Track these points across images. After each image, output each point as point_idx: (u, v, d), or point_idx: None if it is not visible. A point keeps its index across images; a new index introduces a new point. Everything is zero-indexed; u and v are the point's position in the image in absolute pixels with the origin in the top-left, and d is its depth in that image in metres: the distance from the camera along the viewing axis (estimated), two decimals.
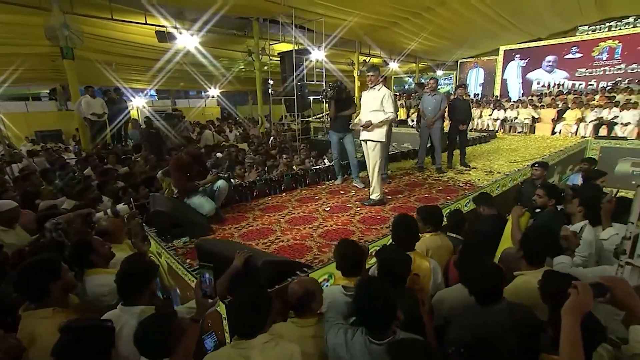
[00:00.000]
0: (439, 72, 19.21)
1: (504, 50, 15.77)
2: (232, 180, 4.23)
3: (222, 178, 3.61)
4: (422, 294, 1.91)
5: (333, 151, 5.15)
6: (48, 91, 17.24)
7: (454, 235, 2.81)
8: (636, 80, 12.33)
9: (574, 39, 13.92)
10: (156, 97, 19.74)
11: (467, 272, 1.62)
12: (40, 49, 9.99)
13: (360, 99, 4.46)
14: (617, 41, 13.21)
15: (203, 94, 21.70)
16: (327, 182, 5.28)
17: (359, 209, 3.98)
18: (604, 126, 9.00)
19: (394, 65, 17.37)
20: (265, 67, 12.75)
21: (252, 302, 1.43)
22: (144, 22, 9.20)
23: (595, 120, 9.11)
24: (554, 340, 1.39)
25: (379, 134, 3.87)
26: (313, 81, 12.09)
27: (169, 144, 6.46)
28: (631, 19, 12.84)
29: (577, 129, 9.29)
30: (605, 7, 11.85)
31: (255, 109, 23.50)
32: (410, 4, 10.71)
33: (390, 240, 2.50)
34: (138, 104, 14.03)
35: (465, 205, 3.84)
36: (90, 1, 8.28)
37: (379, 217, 3.71)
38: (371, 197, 4.08)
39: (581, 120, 9.34)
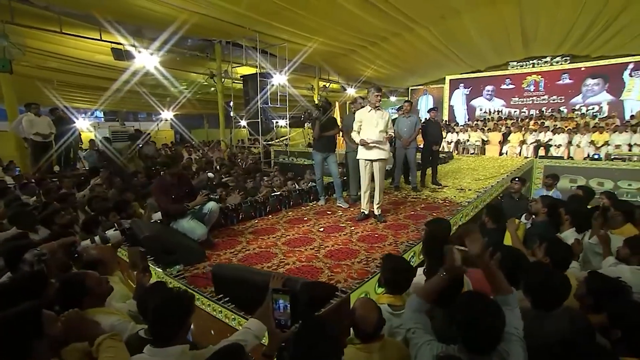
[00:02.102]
0: (393, 99, 20.38)
1: (450, 80, 17.29)
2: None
3: (212, 200, 3.36)
4: None
5: (316, 171, 5.10)
6: None
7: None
8: (557, 110, 14.22)
9: (506, 72, 15.73)
10: (102, 118, 18.33)
11: (535, 282, 1.64)
12: None
13: (346, 117, 4.55)
14: (540, 76, 15.19)
15: (154, 116, 20.65)
16: (310, 203, 5.19)
17: (353, 228, 3.94)
18: (542, 147, 10.11)
19: (351, 91, 18.11)
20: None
21: (325, 333, 1.25)
22: (99, 38, 8.60)
23: (534, 142, 10.23)
24: (618, 340, 1.43)
25: (387, 152, 4.08)
26: (277, 104, 12.17)
27: (134, 165, 5.92)
28: (548, 58, 14.90)
29: (520, 150, 10.32)
30: (529, 47, 13.65)
31: (212, 132, 22.97)
32: (368, 33, 11.36)
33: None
34: (86, 124, 12.87)
35: (460, 220, 3.99)
36: (36, 12, 7.56)
37: (376, 235, 3.68)
38: (380, 214, 4.16)
39: (523, 142, 10.42)
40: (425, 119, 6.12)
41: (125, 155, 6.07)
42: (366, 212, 4.25)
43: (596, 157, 8.98)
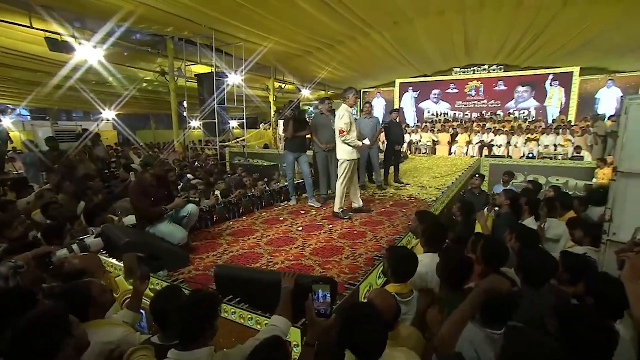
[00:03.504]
0: None
1: (400, 83, 18.20)
2: None
3: (191, 202, 3.22)
4: None
5: (288, 171, 5.09)
6: None
7: None
8: (495, 113, 15.71)
9: (451, 77, 16.98)
10: (29, 116, 16.32)
11: (529, 262, 1.85)
12: None
13: (314, 117, 4.80)
14: (479, 82, 16.64)
15: (92, 115, 18.91)
16: (282, 204, 5.16)
17: (331, 226, 4.00)
18: (485, 147, 11.09)
19: (306, 92, 18.23)
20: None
21: (375, 318, 1.30)
22: (29, 25, 7.66)
23: (479, 142, 11.18)
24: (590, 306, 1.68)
25: None
26: (233, 105, 11.87)
27: (83, 168, 5.38)
28: (486, 66, 16.38)
29: (467, 150, 11.21)
30: (471, 55, 14.90)
31: (159, 133, 21.64)
32: (325, 36, 11.55)
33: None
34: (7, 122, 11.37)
35: None
36: None
37: (355, 231, 3.78)
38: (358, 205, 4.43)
39: (469, 142, 11.33)
40: (384, 120, 6.43)
41: (73, 157, 5.50)
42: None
43: (530, 155, 10.08)
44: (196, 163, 8.78)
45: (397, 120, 6.47)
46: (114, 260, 2.54)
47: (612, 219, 2.34)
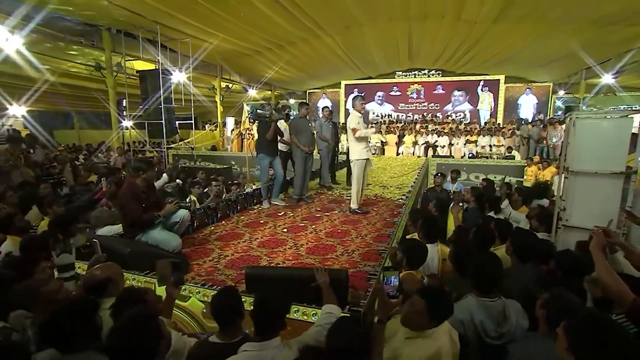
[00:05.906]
0: (292, 101, 20.93)
1: (345, 84, 18.82)
2: None
3: (183, 207, 3.11)
4: None
5: (263, 176, 5.07)
6: None
7: None
8: (435, 115, 17.10)
9: (394, 80, 18.05)
10: None
11: (521, 242, 2.24)
12: None
13: (293, 121, 4.85)
14: (420, 85, 17.95)
15: None
16: (255, 207, 5.13)
17: (314, 226, 4.12)
18: (430, 148, 12.05)
19: (252, 92, 17.93)
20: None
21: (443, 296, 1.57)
22: None
23: (424, 143, 12.11)
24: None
25: None
26: (181, 104, 11.29)
27: (19, 174, 4.73)
28: (426, 71, 17.76)
29: (413, 150, 12.08)
30: (413, 60, 16.07)
31: (85, 133, 19.48)
32: (278, 37, 11.56)
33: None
34: None
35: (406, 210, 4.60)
36: None
37: (339, 230, 3.96)
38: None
39: (415, 143, 12.22)
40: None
41: (5, 162, 4.78)
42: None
43: (470, 155, 11.23)
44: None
45: None
46: None
47: (565, 208, 2.86)
